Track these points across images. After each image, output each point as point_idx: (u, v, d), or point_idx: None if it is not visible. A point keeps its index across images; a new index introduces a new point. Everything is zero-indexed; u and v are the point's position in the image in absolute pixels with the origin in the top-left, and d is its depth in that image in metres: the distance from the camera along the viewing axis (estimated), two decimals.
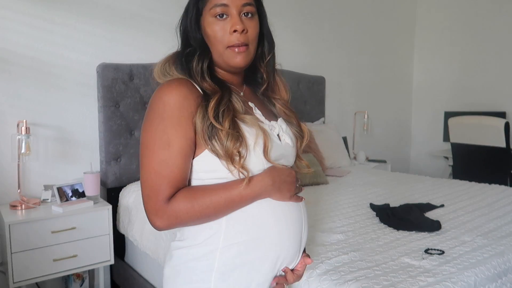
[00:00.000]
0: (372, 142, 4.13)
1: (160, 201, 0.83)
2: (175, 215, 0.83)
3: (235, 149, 0.84)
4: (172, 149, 0.83)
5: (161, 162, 0.83)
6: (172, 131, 0.84)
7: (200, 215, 0.84)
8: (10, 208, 1.98)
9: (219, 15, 0.89)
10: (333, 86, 3.71)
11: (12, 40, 2.07)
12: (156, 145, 0.84)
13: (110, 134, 2.29)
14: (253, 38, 0.92)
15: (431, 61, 4.48)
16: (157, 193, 0.83)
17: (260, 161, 0.89)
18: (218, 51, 0.91)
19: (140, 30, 2.48)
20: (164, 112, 0.84)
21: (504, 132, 3.02)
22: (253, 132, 0.88)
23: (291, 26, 3.36)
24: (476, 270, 1.26)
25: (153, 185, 0.83)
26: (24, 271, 1.83)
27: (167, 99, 0.85)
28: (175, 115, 0.84)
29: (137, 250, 2.15)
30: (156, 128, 0.84)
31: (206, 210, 0.84)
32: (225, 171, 0.86)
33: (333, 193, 2.31)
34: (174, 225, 0.85)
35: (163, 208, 0.83)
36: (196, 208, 0.83)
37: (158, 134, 0.84)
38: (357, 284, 1.16)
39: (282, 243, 0.90)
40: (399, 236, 1.60)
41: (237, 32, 0.88)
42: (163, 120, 0.84)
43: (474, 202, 2.12)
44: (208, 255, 0.87)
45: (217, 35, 0.89)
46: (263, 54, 0.99)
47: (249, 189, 0.85)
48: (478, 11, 4.05)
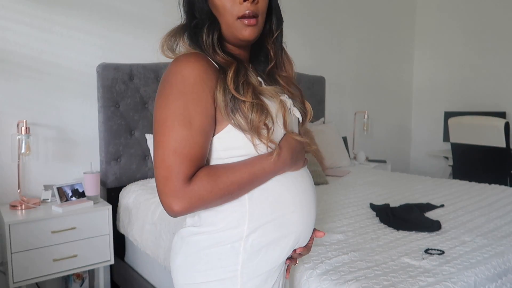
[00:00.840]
0: (372, 142, 4.13)
1: (180, 181, 0.77)
2: (198, 196, 0.77)
3: (261, 122, 0.81)
4: (194, 127, 0.79)
5: (181, 140, 0.78)
6: (193, 106, 0.79)
7: (224, 192, 0.80)
8: (10, 208, 1.98)
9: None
10: (333, 86, 3.71)
11: (12, 40, 2.07)
12: (175, 122, 0.78)
13: (110, 134, 2.29)
14: (263, 9, 0.88)
15: (431, 61, 4.48)
16: (177, 174, 0.77)
17: (281, 134, 0.87)
18: (227, 22, 0.86)
19: (140, 30, 2.48)
20: (184, 87, 0.79)
21: (504, 132, 3.02)
22: (274, 104, 0.86)
23: (291, 26, 3.36)
24: (476, 270, 1.26)
25: (171, 165, 0.77)
26: (24, 271, 1.83)
27: (187, 73, 0.80)
28: (196, 90, 0.79)
29: (137, 250, 2.15)
30: (175, 104, 0.79)
31: (230, 187, 0.80)
32: (248, 147, 0.83)
33: (333, 193, 2.31)
34: (195, 207, 0.79)
35: (184, 189, 0.77)
36: (220, 186, 0.79)
37: (177, 111, 0.78)
38: (357, 284, 1.16)
39: (303, 217, 0.90)
40: (399, 236, 1.60)
41: (248, 2, 0.83)
42: (183, 95, 0.79)
43: (474, 202, 2.12)
44: (233, 237, 0.84)
45: (226, 5, 0.84)
46: (271, 30, 0.95)
47: (272, 164, 0.83)
48: (478, 11, 4.06)
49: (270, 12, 0.93)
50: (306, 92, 3.39)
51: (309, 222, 0.92)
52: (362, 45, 4.00)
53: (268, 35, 0.95)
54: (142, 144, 2.39)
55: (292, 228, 0.88)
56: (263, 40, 0.95)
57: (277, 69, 0.98)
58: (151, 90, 2.41)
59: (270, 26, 0.94)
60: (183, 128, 0.78)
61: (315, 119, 3.46)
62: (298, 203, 0.89)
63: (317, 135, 3.02)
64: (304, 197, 0.91)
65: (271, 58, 0.97)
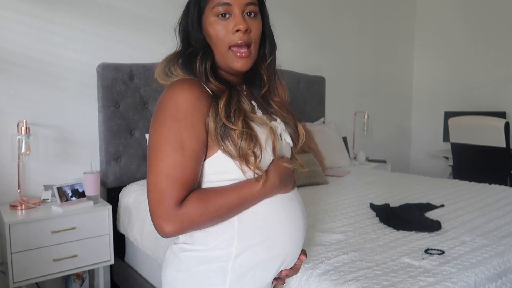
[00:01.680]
0: (372, 142, 4.13)
1: (172, 205, 0.79)
2: (189, 218, 0.80)
3: (249, 150, 0.83)
4: (186, 152, 0.81)
5: (174, 165, 0.80)
6: (186, 133, 0.81)
7: (214, 215, 0.83)
8: (10, 208, 1.98)
9: (221, 14, 0.87)
10: (333, 86, 3.71)
11: (12, 40, 2.07)
12: (169, 147, 0.81)
13: (110, 134, 2.29)
14: (256, 38, 0.91)
15: (431, 61, 4.48)
16: (169, 197, 0.79)
17: (270, 160, 0.90)
18: (220, 51, 0.90)
19: (140, 30, 2.48)
20: (177, 113, 0.82)
21: (504, 132, 3.02)
22: (264, 131, 0.88)
23: (291, 26, 3.36)
24: (476, 270, 1.26)
25: (164, 189, 0.80)
26: (24, 271, 1.83)
27: (180, 100, 0.82)
28: (188, 117, 0.82)
29: (137, 250, 2.15)
30: (169, 130, 0.82)
31: (220, 210, 0.83)
32: (237, 172, 0.86)
33: (333, 193, 2.31)
34: (186, 229, 0.82)
35: (176, 212, 0.79)
36: (210, 209, 0.82)
37: (171, 136, 0.81)
38: (357, 284, 1.16)
39: (291, 240, 0.92)
40: (399, 236, 1.59)
41: (240, 32, 0.86)
42: (176, 122, 0.82)
43: (474, 202, 2.12)
44: (222, 258, 0.87)
45: (219, 35, 0.88)
46: (265, 55, 0.98)
47: (260, 188, 0.86)
48: (478, 11, 4.05)
49: (264, 38, 0.96)
50: (306, 92, 3.39)
51: (296, 245, 0.94)
52: (362, 45, 4.00)
53: (262, 61, 0.98)
54: (142, 144, 2.39)
55: (279, 250, 0.90)
56: (258, 65, 0.98)
57: (271, 93, 1.01)
58: (151, 90, 2.41)
59: (263, 52, 0.97)
60: (176, 153, 0.81)
61: (315, 119, 3.46)
62: (286, 226, 0.91)
63: (317, 135, 3.02)
64: (293, 220, 0.93)
65: (265, 83, 0.99)
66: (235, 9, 0.87)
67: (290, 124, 1.02)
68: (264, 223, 0.89)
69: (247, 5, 0.88)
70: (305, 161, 2.57)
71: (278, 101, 1.01)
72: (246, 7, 0.88)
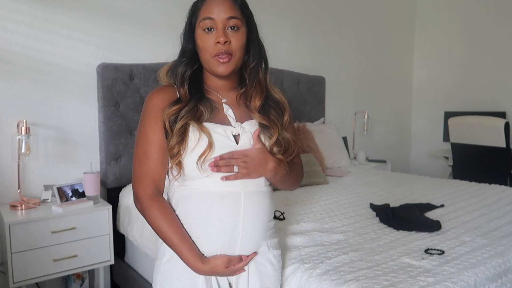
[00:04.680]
0: (372, 142, 4.13)
1: (143, 189, 1.04)
2: (147, 216, 1.05)
3: (174, 149, 1.00)
4: (149, 141, 1.03)
5: (141, 152, 1.04)
6: (149, 126, 1.04)
7: (158, 234, 1.04)
8: (10, 208, 1.98)
9: (207, 28, 1.01)
10: (333, 86, 3.71)
11: (12, 40, 2.07)
12: (139, 139, 1.05)
13: (110, 134, 2.29)
14: (237, 48, 1.02)
15: (431, 61, 4.48)
16: (140, 180, 1.04)
17: (193, 164, 1.00)
18: (205, 59, 1.04)
19: (140, 30, 2.48)
20: (145, 112, 1.06)
21: (504, 132, 3.02)
22: (195, 139, 1.00)
23: (291, 26, 3.36)
24: (476, 270, 1.26)
25: (136, 172, 1.05)
26: (24, 271, 1.83)
27: (148, 102, 1.06)
28: (152, 115, 1.04)
29: (137, 250, 2.15)
30: (140, 126, 1.06)
31: (158, 230, 1.03)
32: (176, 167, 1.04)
33: (333, 193, 2.31)
34: (144, 217, 1.06)
35: (143, 199, 1.04)
36: (156, 223, 1.03)
37: (141, 130, 1.05)
38: (357, 284, 1.16)
39: (206, 234, 1.03)
40: (399, 236, 1.59)
41: (220, 44, 1.00)
42: (144, 119, 1.05)
43: (474, 202, 2.12)
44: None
45: (205, 46, 1.02)
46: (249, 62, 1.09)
47: (185, 260, 1.02)
48: (478, 11, 4.05)
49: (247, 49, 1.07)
50: (306, 92, 3.39)
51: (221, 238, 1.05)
52: (362, 45, 4.00)
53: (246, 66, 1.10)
54: None
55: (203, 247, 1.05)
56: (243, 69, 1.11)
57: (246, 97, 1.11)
58: (151, 90, 2.39)
59: (248, 59, 1.09)
60: (142, 143, 1.04)
61: (315, 119, 3.46)
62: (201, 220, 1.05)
63: (317, 135, 3.02)
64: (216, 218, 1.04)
65: (248, 86, 1.10)
66: (218, 23, 1.00)
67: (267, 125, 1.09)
68: (186, 211, 1.05)
69: (229, 19, 1.01)
70: (305, 161, 2.57)
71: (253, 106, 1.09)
72: (228, 21, 1.01)
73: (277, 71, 3.10)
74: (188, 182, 1.04)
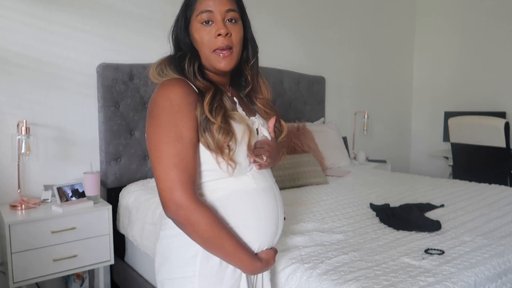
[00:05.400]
0: (372, 142, 4.13)
1: (184, 192, 0.87)
2: (198, 219, 0.88)
3: (225, 143, 0.92)
4: (185, 141, 0.90)
5: (177, 154, 0.89)
6: (182, 123, 0.90)
7: (207, 239, 0.91)
8: (10, 208, 1.98)
9: (205, 21, 0.97)
10: (333, 86, 3.71)
11: (12, 40, 2.07)
12: (170, 138, 0.89)
13: (110, 134, 2.29)
14: (237, 42, 1.00)
15: (431, 61, 4.48)
16: (181, 185, 0.87)
17: (244, 153, 0.98)
18: (205, 54, 0.99)
19: (140, 30, 2.48)
20: (171, 107, 0.90)
21: (504, 132, 3.02)
22: (241, 127, 0.97)
23: (291, 26, 3.36)
24: (476, 270, 1.26)
25: (174, 177, 0.87)
26: (24, 271, 1.83)
27: (173, 95, 0.91)
28: (182, 109, 0.91)
29: (137, 250, 2.15)
30: (167, 123, 0.90)
31: (214, 241, 0.91)
32: (212, 163, 0.95)
33: (333, 193, 2.31)
34: (190, 224, 0.89)
35: (191, 202, 0.88)
36: (211, 233, 0.90)
37: (169, 128, 0.89)
38: (357, 284, 1.16)
39: (259, 230, 1.00)
40: (399, 236, 1.59)
41: (221, 36, 0.96)
42: (172, 115, 0.90)
43: (474, 202, 2.12)
44: (193, 242, 0.94)
45: (203, 40, 0.98)
46: (248, 58, 1.07)
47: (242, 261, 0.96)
48: (478, 11, 4.05)
49: (246, 42, 1.06)
50: (306, 92, 3.39)
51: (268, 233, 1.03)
52: (362, 45, 4.00)
53: (245, 63, 1.08)
54: (142, 144, 2.39)
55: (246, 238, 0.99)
56: (242, 66, 1.08)
57: (255, 92, 1.11)
58: (151, 90, 2.41)
59: (247, 55, 1.07)
60: (177, 143, 0.89)
61: (315, 119, 3.46)
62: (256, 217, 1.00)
63: (317, 135, 3.02)
64: (264, 214, 1.02)
65: (249, 82, 1.10)
66: (217, 15, 0.97)
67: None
68: (232, 213, 0.97)
69: (227, 12, 0.98)
70: (305, 161, 2.57)
71: (261, 99, 1.11)
72: (226, 13, 0.98)
73: (277, 71, 3.10)
74: (223, 181, 0.97)
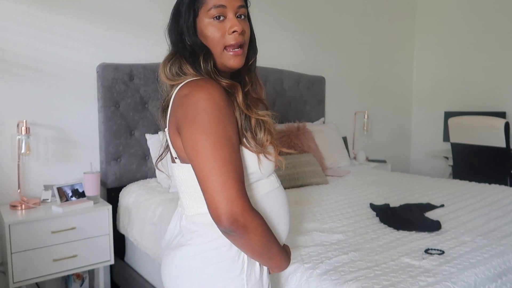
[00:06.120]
0: (372, 142, 4.13)
1: (247, 203, 0.82)
2: (255, 227, 0.83)
3: (267, 141, 0.91)
4: (235, 146, 0.85)
5: (233, 162, 0.82)
6: (231, 128, 0.85)
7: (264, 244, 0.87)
8: (10, 208, 1.98)
9: (216, 16, 0.90)
10: (333, 86, 3.71)
11: (12, 40, 2.07)
12: (223, 146, 0.82)
13: (110, 134, 2.29)
14: (248, 39, 0.96)
15: (431, 61, 4.48)
16: (242, 195, 0.82)
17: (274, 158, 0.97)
18: (216, 52, 0.93)
19: (140, 30, 2.48)
20: (219, 111, 0.83)
21: (504, 132, 3.02)
22: (271, 123, 0.96)
23: (291, 26, 3.36)
24: (476, 270, 1.26)
25: (233, 187, 0.81)
26: (24, 271, 1.83)
27: (218, 99, 0.84)
28: (229, 113, 0.86)
29: (137, 250, 2.15)
30: (217, 129, 0.82)
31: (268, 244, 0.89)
32: (254, 166, 0.91)
33: (333, 193, 2.31)
34: (247, 233, 0.83)
35: (250, 212, 0.82)
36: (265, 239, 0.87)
37: (221, 134, 0.82)
38: (357, 284, 1.16)
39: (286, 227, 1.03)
40: (399, 236, 1.59)
41: (236, 33, 0.90)
42: (221, 120, 0.83)
43: (474, 202, 2.12)
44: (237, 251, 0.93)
45: (215, 36, 0.91)
46: (248, 56, 1.02)
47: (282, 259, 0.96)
48: (478, 11, 4.05)
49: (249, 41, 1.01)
50: (306, 92, 3.39)
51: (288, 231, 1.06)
52: (362, 45, 4.00)
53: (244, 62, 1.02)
54: (142, 144, 2.39)
55: (279, 237, 1.01)
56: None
57: (252, 92, 1.06)
58: (151, 90, 2.41)
59: (248, 53, 1.01)
60: (230, 151, 0.83)
61: (315, 119, 3.46)
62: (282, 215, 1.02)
63: (317, 135, 3.02)
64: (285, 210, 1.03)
65: (246, 82, 1.04)
66: (230, 11, 0.90)
67: None
68: (268, 214, 0.96)
69: (239, 8, 0.92)
70: (305, 161, 2.57)
71: (256, 98, 1.06)
72: (238, 9, 0.92)
73: (277, 71, 3.10)
74: (259, 183, 0.96)
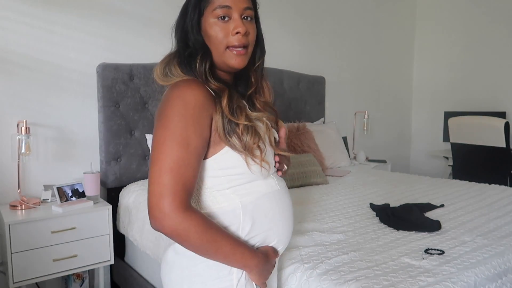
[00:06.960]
0: (372, 142, 4.13)
1: (174, 202, 0.81)
2: (186, 228, 0.82)
3: (254, 144, 0.90)
4: (190, 148, 0.84)
5: (178, 160, 0.83)
6: (192, 129, 0.84)
7: (204, 244, 0.85)
8: (10, 208, 1.98)
9: (221, 17, 0.91)
10: (333, 86, 3.71)
11: (12, 40, 2.07)
12: (174, 142, 0.83)
13: (110, 134, 2.29)
14: (253, 41, 0.96)
15: (431, 61, 4.48)
16: (173, 193, 0.81)
17: (270, 152, 0.97)
18: (218, 51, 0.93)
19: (140, 30, 2.48)
20: (185, 110, 0.85)
21: (504, 132, 3.02)
22: (261, 126, 0.96)
23: (291, 26, 3.36)
24: (476, 270, 1.26)
25: (167, 183, 0.81)
26: (24, 271, 1.83)
27: (189, 98, 0.86)
28: (196, 114, 0.85)
29: (137, 250, 2.15)
30: (176, 126, 0.84)
31: (211, 244, 0.86)
32: (243, 166, 0.91)
33: (333, 193, 2.31)
34: (177, 236, 0.83)
35: (177, 212, 0.81)
36: (207, 237, 0.84)
37: (177, 132, 0.83)
38: (357, 284, 1.16)
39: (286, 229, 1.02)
40: (399, 236, 1.59)
41: (240, 34, 0.91)
42: (184, 119, 0.84)
43: (474, 202, 2.11)
44: None
45: (218, 36, 0.92)
46: (254, 59, 1.02)
47: (244, 257, 0.91)
48: (478, 11, 4.05)
49: (256, 43, 1.01)
50: (306, 92, 3.39)
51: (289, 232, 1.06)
52: (362, 45, 4.00)
53: (251, 63, 1.02)
54: (142, 144, 2.39)
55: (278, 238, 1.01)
56: (247, 67, 1.01)
57: (256, 94, 1.06)
58: (151, 90, 2.41)
59: (254, 56, 1.01)
60: (181, 149, 0.83)
61: (315, 119, 3.46)
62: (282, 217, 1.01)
63: (317, 135, 3.02)
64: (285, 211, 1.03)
65: (252, 83, 1.04)
66: (235, 12, 0.91)
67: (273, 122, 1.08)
68: (265, 215, 0.96)
69: (245, 9, 0.92)
70: (305, 161, 2.57)
71: (263, 101, 1.06)
72: (244, 11, 0.92)
73: (277, 71, 3.10)
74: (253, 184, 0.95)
